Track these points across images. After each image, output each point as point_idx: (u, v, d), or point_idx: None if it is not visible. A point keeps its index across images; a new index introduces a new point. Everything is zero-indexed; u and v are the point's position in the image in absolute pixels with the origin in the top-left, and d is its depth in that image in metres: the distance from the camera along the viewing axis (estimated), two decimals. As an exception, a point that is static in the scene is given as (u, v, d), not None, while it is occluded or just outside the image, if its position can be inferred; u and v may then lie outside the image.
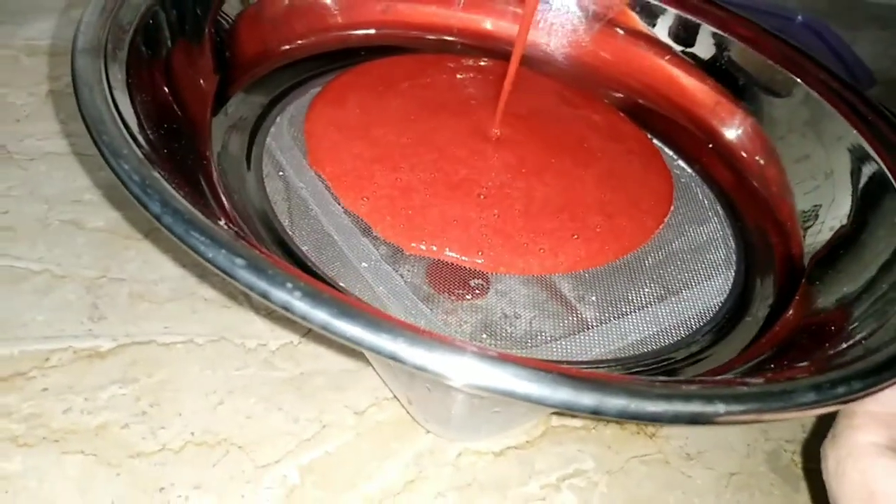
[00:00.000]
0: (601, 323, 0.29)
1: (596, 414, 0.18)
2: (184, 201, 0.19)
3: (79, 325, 0.32)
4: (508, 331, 0.29)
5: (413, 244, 0.30)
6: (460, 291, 0.30)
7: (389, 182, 0.33)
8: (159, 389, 0.31)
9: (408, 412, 0.32)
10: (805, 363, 0.23)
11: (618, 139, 0.38)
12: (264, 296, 0.18)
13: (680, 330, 0.30)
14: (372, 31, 0.42)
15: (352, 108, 0.36)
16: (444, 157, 0.34)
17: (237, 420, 0.31)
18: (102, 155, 0.20)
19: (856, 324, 0.25)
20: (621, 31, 0.42)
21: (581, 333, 0.29)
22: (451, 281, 0.30)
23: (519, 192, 0.33)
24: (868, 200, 0.31)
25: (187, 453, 0.29)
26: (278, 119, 0.35)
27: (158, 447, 0.29)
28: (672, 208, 0.35)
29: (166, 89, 0.27)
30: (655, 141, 0.40)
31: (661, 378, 0.24)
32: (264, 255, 0.19)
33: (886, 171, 0.31)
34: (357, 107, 0.37)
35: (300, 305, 0.18)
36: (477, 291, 0.30)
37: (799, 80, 0.36)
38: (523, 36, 0.34)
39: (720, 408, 0.18)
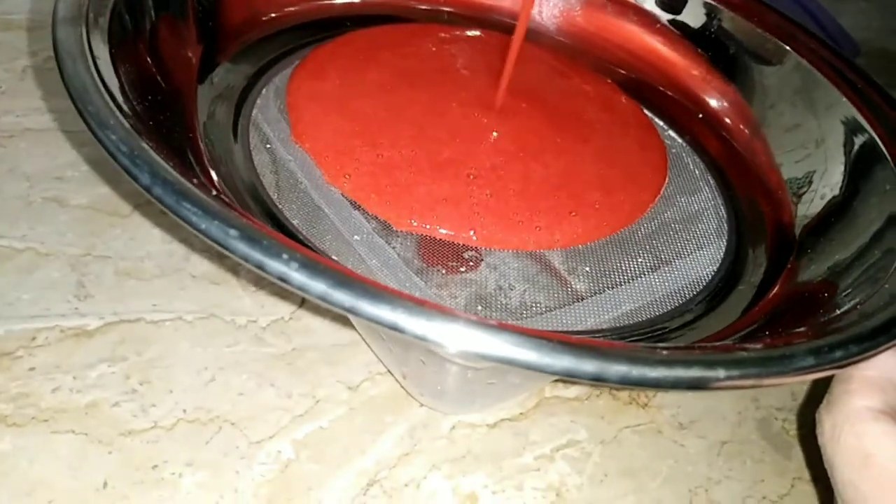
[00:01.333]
0: (595, 293, 0.29)
1: (597, 380, 0.18)
2: (174, 172, 0.19)
3: (65, 303, 0.32)
4: (503, 302, 0.29)
5: (403, 222, 0.30)
6: (454, 264, 0.29)
7: (371, 159, 0.32)
8: (149, 367, 0.31)
9: (401, 386, 0.32)
10: (801, 329, 0.23)
11: (611, 110, 0.38)
12: (260, 267, 0.17)
13: (674, 299, 0.29)
14: (358, 0, 0.41)
15: (332, 79, 0.36)
16: (431, 133, 0.33)
17: (229, 396, 0.30)
18: (88, 126, 0.19)
19: (849, 290, 0.25)
20: (609, 1, 0.42)
21: (575, 304, 0.29)
22: (445, 254, 0.30)
23: (513, 168, 0.33)
24: (859, 169, 0.31)
25: (180, 430, 0.29)
26: (264, 90, 0.34)
27: (150, 425, 0.29)
28: (667, 180, 0.35)
29: (150, 59, 0.27)
30: (646, 111, 0.39)
31: (662, 344, 0.24)
32: (258, 225, 0.18)
33: (877, 139, 0.31)
34: (338, 79, 0.36)
35: (297, 276, 0.17)
36: (471, 264, 0.30)
37: (789, 48, 0.36)
38: (527, 11, 0.33)
39: (720, 373, 0.18)
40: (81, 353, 0.30)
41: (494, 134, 0.34)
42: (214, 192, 0.19)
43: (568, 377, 0.17)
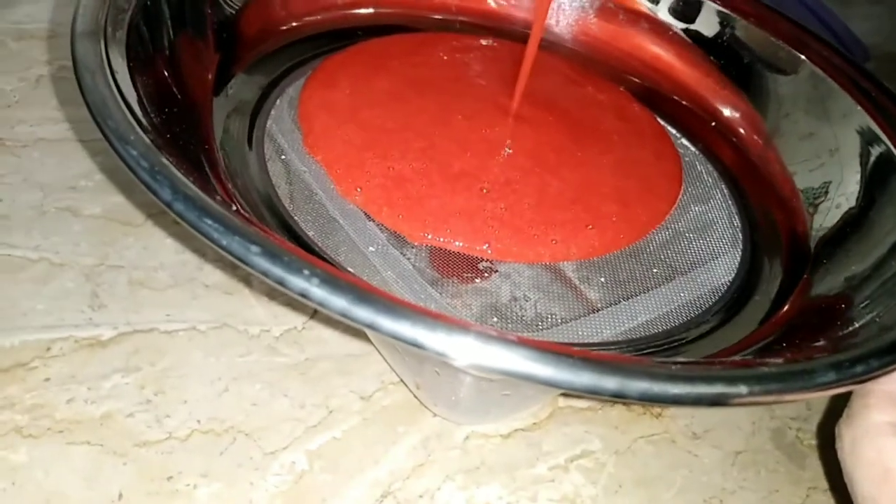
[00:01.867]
0: (610, 304, 0.29)
1: (618, 397, 0.17)
2: (194, 187, 0.19)
3: (79, 313, 0.32)
4: (518, 314, 0.29)
5: (416, 235, 0.30)
6: (468, 275, 0.29)
7: (382, 171, 0.31)
8: (163, 377, 0.31)
9: (415, 396, 0.32)
10: (820, 342, 0.23)
11: (626, 120, 0.38)
12: (281, 283, 0.17)
13: (689, 310, 0.29)
14: (370, 10, 0.41)
15: (344, 89, 0.36)
16: (443, 144, 0.33)
17: (243, 407, 0.30)
18: (109, 141, 0.19)
19: (867, 302, 0.25)
20: (622, 10, 0.42)
21: (591, 315, 0.29)
22: (459, 265, 0.30)
23: (528, 181, 0.32)
24: (875, 178, 0.31)
25: (194, 441, 0.29)
26: (278, 101, 0.34)
27: (164, 435, 0.29)
28: (682, 190, 0.35)
29: (167, 71, 0.27)
30: (659, 119, 0.39)
31: (682, 359, 0.24)
32: (279, 241, 0.18)
33: (893, 148, 0.31)
34: (349, 88, 0.36)
35: (318, 292, 0.17)
36: (485, 274, 0.30)
37: (803, 56, 0.36)
38: (540, 21, 0.33)
39: (742, 389, 0.18)
40: (96, 363, 0.30)
41: (508, 145, 0.34)
42: (235, 208, 0.20)
43: (589, 394, 0.17)
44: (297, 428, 0.30)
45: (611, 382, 0.17)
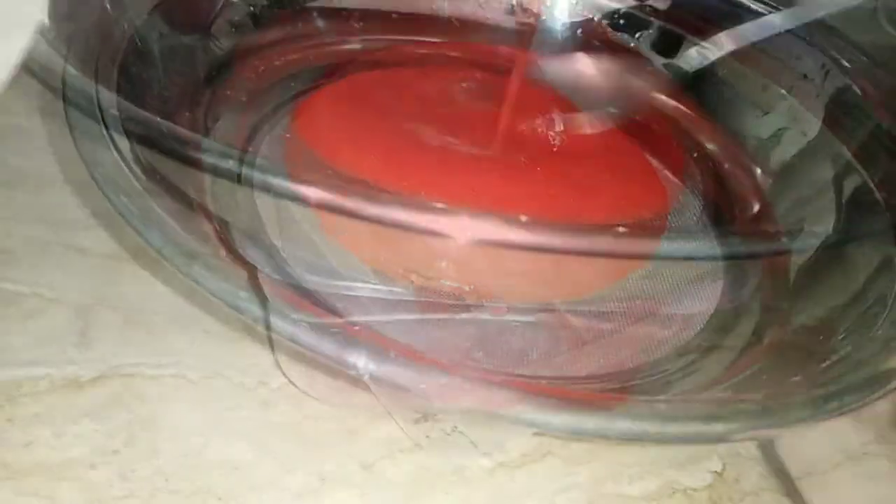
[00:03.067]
0: (595, 338, 0.30)
1: (600, 437, 0.18)
2: (184, 233, 0.19)
3: (62, 352, 0.30)
4: (504, 349, 0.29)
5: (399, 275, 0.30)
6: (454, 310, 0.30)
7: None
8: (137, 427, 0.27)
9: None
10: (797, 377, 0.23)
11: (614, 153, 0.38)
12: (268, 327, 0.18)
13: (672, 342, 0.30)
14: (359, 46, 0.41)
15: (329, 125, 0.35)
16: (427, 186, 0.33)
17: (221, 467, 0.27)
18: (100, 188, 0.20)
19: (843, 335, 0.26)
20: (603, 45, 0.43)
21: (576, 349, 0.29)
22: (445, 301, 0.30)
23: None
24: (853, 211, 0.32)
25: (157, 502, 0.25)
26: (268, 137, 0.35)
27: (124, 493, 0.25)
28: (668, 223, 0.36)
29: (158, 112, 0.27)
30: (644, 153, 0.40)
31: (662, 398, 0.25)
32: (267, 285, 0.19)
33: (869, 181, 0.32)
34: (334, 124, 0.36)
35: (307, 339, 0.18)
36: (472, 310, 0.30)
37: (783, 91, 0.37)
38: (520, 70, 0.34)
39: (719, 427, 0.19)
40: (66, 406, 0.28)
41: (493, 183, 0.34)
42: (223, 252, 0.20)
43: (571, 434, 0.18)
44: (280, 498, 0.26)
45: (592, 423, 0.18)
